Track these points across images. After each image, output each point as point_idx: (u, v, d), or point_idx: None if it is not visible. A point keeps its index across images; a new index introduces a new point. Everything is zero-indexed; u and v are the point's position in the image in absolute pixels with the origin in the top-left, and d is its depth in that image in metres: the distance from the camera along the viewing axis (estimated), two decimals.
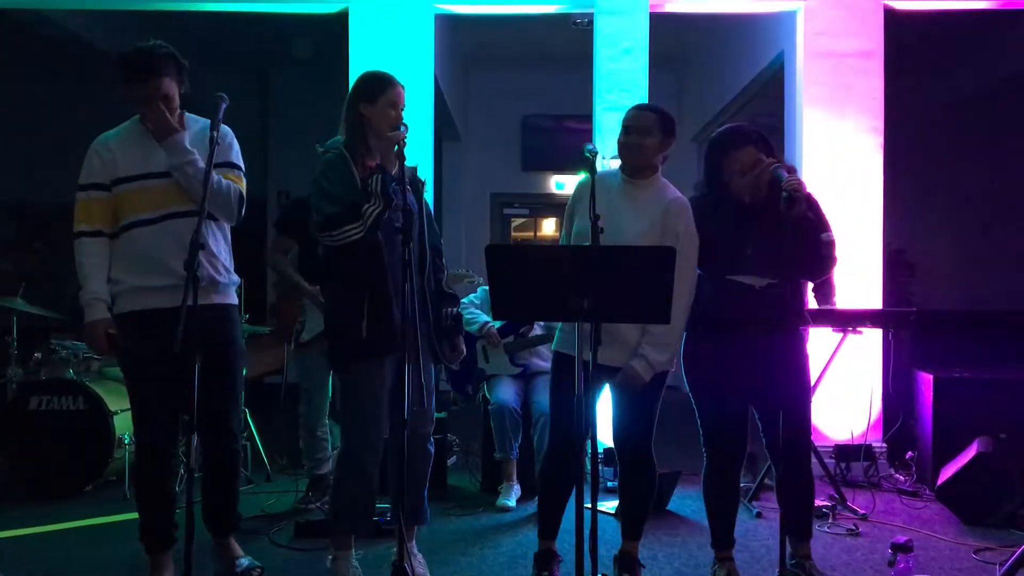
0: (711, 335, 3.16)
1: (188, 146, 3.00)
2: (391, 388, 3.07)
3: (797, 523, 3.18)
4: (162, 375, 2.91)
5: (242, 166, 3.16)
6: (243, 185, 3.12)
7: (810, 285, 4.15)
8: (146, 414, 3.08)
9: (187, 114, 3.12)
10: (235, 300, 3.23)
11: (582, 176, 3.16)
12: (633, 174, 3.16)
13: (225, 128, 3.07)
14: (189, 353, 2.62)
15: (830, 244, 3.13)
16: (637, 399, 3.13)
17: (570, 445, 3.17)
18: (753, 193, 3.08)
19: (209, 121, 2.95)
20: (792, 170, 3.08)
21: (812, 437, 3.39)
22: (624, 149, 3.14)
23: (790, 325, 3.13)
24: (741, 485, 3.50)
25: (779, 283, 2.99)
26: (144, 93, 2.97)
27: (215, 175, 2.92)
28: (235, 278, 3.22)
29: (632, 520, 3.27)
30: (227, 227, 3.19)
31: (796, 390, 3.13)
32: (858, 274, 5.05)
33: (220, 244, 3.14)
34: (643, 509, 3.26)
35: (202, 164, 2.91)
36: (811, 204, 3.13)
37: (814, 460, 3.79)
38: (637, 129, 3.12)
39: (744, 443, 3.20)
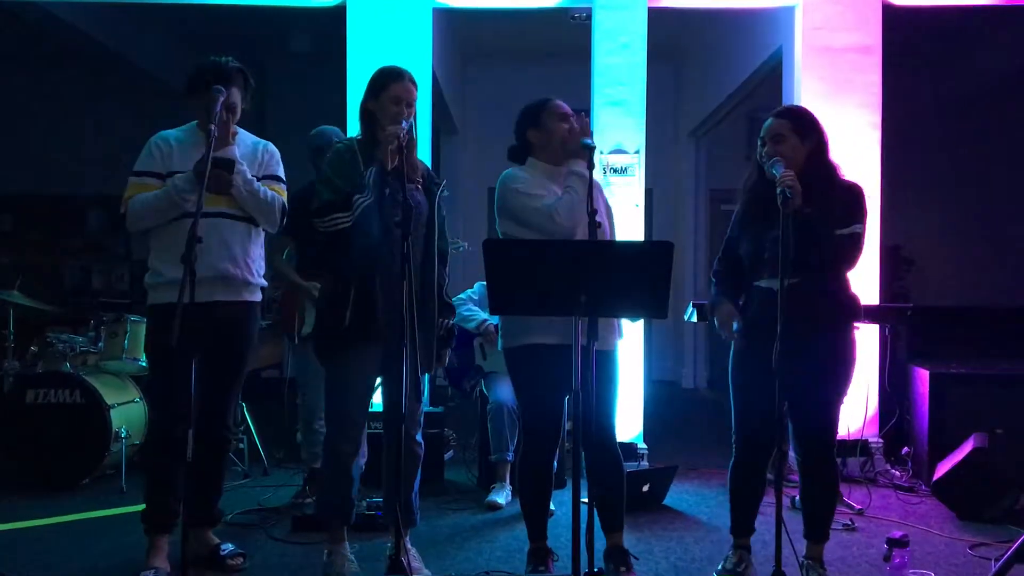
0: (753, 340, 3.10)
1: (238, 158, 3.18)
2: (383, 384, 3.08)
3: (813, 525, 3.20)
4: (188, 366, 2.96)
5: (284, 178, 3.39)
6: (285, 196, 3.35)
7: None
8: (169, 401, 3.15)
9: (240, 130, 3.29)
10: (260, 298, 3.41)
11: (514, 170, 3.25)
12: (560, 164, 3.20)
13: (273, 147, 3.38)
14: (218, 345, 3.02)
15: (853, 237, 3.03)
16: (601, 381, 3.08)
17: (547, 444, 3.17)
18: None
19: (257, 139, 3.33)
20: (831, 167, 3.07)
21: None
22: (587, 146, 3.09)
23: (828, 322, 3.08)
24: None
25: (802, 281, 2.94)
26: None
27: (261, 186, 3.20)
28: (263, 281, 3.40)
29: (609, 511, 3.20)
30: (263, 233, 3.38)
31: (825, 392, 3.11)
32: (855, 269, 5.03)
33: (258, 248, 3.36)
34: (618, 496, 3.20)
35: (250, 176, 3.19)
36: (854, 193, 3.09)
37: None
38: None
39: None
